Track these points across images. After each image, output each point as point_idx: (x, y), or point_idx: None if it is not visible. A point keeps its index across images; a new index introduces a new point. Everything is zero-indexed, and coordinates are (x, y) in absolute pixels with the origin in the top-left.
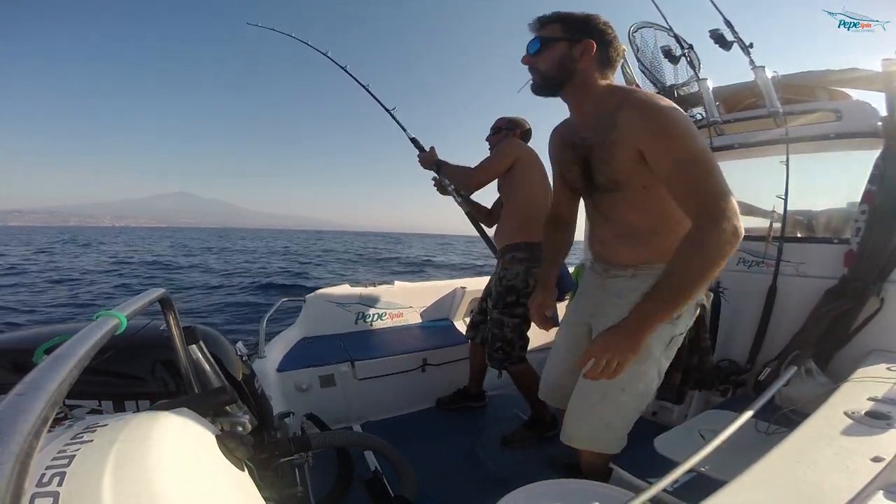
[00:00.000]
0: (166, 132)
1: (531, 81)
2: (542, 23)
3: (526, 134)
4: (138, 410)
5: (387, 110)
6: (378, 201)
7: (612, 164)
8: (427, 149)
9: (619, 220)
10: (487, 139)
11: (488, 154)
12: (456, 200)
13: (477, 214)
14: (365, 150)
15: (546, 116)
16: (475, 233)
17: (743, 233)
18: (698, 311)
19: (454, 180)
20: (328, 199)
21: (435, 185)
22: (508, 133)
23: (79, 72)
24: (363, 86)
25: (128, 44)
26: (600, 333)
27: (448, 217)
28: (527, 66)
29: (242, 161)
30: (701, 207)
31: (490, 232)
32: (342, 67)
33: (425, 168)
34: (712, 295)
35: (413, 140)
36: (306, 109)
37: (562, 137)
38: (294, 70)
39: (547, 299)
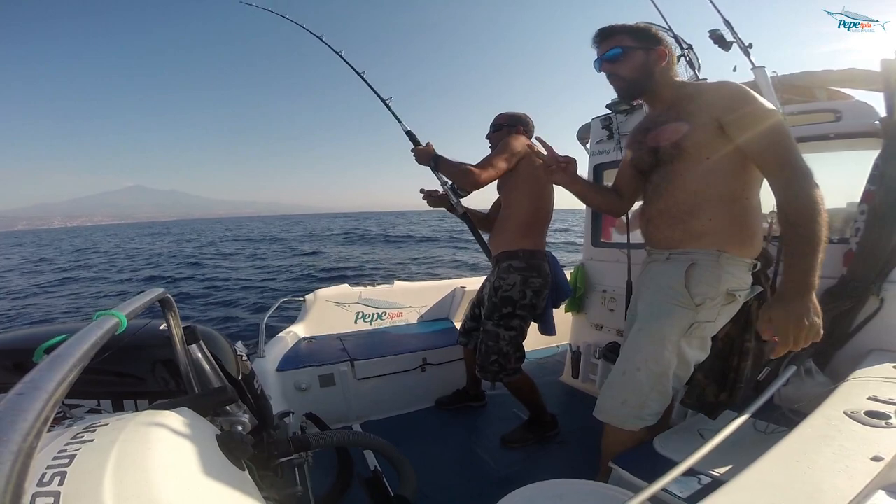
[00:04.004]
0: (112, 124)
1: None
2: (610, 34)
3: (529, 130)
4: (137, 410)
5: (382, 100)
6: (347, 181)
7: (682, 132)
8: (423, 143)
9: (666, 194)
10: (487, 137)
11: (489, 153)
12: (451, 201)
13: (473, 218)
14: (336, 131)
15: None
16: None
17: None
18: (735, 306)
19: (453, 177)
20: (297, 182)
21: (424, 198)
22: (511, 130)
23: (7, 59)
24: (358, 73)
25: (63, 26)
26: (766, 310)
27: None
28: (605, 74)
29: (197, 148)
30: (788, 164)
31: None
32: (337, 53)
33: (421, 163)
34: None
35: (408, 133)
36: (268, 91)
37: (637, 126)
38: (249, 52)
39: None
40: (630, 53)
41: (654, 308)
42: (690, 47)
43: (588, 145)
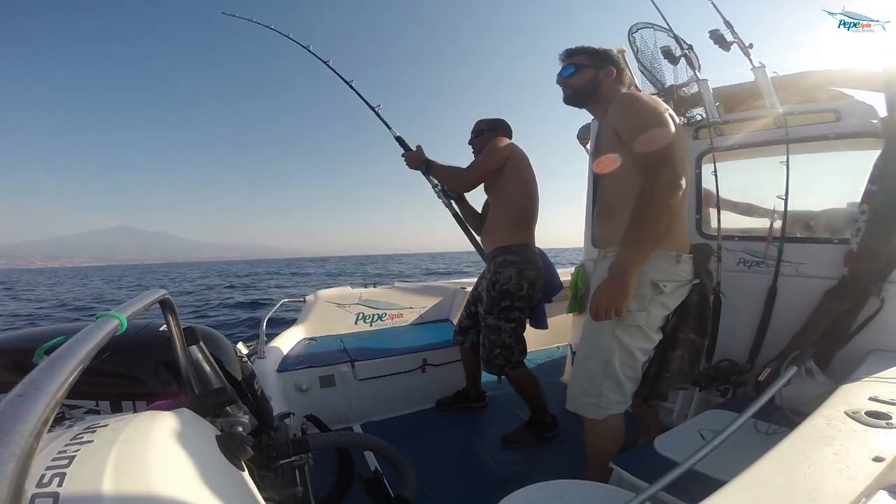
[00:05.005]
0: (98, 159)
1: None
2: (571, 53)
3: (508, 132)
4: (136, 411)
5: (371, 108)
6: (344, 224)
7: (601, 144)
8: (413, 148)
9: (600, 198)
10: (470, 143)
11: (473, 159)
12: (443, 202)
13: (468, 217)
14: (330, 170)
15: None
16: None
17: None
18: (671, 298)
19: (444, 180)
20: (288, 226)
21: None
22: (492, 134)
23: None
24: (346, 82)
25: (54, 62)
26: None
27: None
28: (560, 85)
29: (185, 188)
30: (651, 167)
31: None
32: (324, 62)
33: (412, 168)
34: (700, 294)
35: (398, 139)
36: (260, 130)
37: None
38: (244, 86)
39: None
40: (582, 69)
41: None
42: (690, 47)
43: (588, 146)
